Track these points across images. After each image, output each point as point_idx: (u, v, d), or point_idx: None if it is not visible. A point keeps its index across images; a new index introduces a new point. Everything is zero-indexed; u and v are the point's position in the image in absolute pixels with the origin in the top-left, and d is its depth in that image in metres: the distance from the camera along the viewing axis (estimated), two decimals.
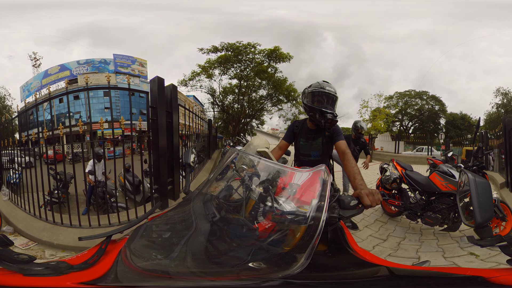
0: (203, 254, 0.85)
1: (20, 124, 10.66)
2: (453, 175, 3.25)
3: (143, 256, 0.87)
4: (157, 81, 2.92)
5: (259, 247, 0.81)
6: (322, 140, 2.24)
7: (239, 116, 20.84)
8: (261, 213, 0.89)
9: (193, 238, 0.88)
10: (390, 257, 2.80)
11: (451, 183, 3.20)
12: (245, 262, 0.76)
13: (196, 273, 0.78)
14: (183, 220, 1.02)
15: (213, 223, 0.90)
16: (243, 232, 0.88)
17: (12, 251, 0.83)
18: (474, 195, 0.84)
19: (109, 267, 0.81)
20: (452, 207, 3.18)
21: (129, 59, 20.08)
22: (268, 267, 0.75)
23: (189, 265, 0.80)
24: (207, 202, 1.01)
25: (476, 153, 3.81)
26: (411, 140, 22.77)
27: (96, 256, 0.86)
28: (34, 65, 20.55)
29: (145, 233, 0.99)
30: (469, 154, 4.55)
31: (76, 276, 0.76)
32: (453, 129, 27.21)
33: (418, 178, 3.58)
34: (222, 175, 1.12)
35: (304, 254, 0.72)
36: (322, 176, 0.86)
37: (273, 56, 19.15)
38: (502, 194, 4.96)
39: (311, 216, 0.78)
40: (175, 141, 3.41)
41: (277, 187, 0.97)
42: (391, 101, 28.44)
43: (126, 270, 0.79)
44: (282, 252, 0.79)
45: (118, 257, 0.86)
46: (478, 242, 0.85)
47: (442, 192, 3.27)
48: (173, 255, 0.85)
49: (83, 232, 3.08)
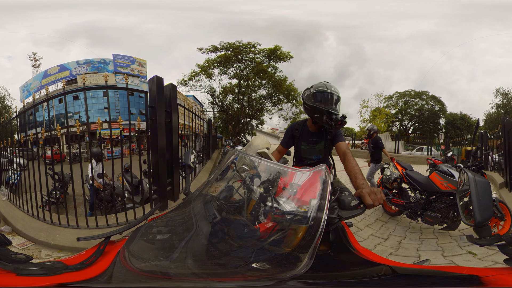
0: (205, 255, 0.84)
1: (19, 124, 10.67)
2: (452, 175, 3.28)
3: (142, 258, 0.87)
4: (156, 80, 2.89)
5: (261, 247, 0.81)
6: (325, 144, 2.16)
7: (239, 116, 20.83)
8: (262, 214, 0.89)
9: (193, 239, 0.87)
10: (392, 256, 2.83)
11: (451, 183, 3.23)
12: (248, 262, 0.76)
13: (198, 274, 0.77)
14: (184, 222, 1.02)
15: (214, 224, 0.89)
16: (244, 233, 0.88)
17: (9, 251, 0.82)
18: (474, 194, 0.84)
19: (105, 268, 0.80)
20: (451, 206, 3.21)
21: (129, 59, 20.08)
22: (272, 268, 0.75)
23: (190, 266, 0.80)
24: (208, 203, 1.00)
25: (475, 153, 3.92)
26: (411, 140, 22.78)
27: (94, 257, 0.85)
28: (34, 65, 20.56)
29: (144, 234, 0.98)
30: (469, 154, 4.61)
31: (70, 276, 0.75)
32: (453, 129, 27.25)
33: (418, 177, 3.60)
34: (223, 176, 1.11)
35: (307, 254, 0.72)
36: (323, 176, 0.86)
37: (273, 55, 19.15)
38: (501, 194, 4.98)
39: (311, 216, 0.78)
40: (174, 141, 3.38)
41: (278, 187, 0.96)
42: (391, 101, 28.49)
43: (123, 271, 0.78)
44: (284, 253, 0.79)
45: (116, 258, 0.85)
46: (477, 241, 0.85)
47: (442, 191, 3.30)
48: (173, 256, 0.84)
49: (80, 233, 3.06)
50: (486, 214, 0.81)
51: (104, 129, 12.17)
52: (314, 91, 1.99)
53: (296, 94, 20.39)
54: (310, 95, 2.01)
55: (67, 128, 3.11)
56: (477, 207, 0.81)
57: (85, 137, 16.25)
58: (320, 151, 2.21)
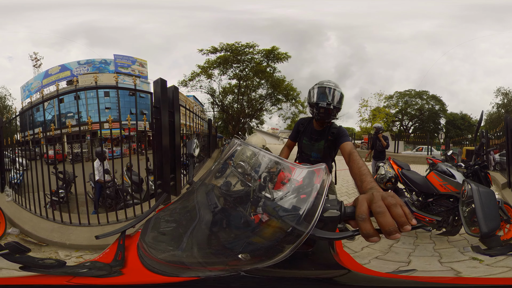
0: (206, 244, 0.86)
1: (22, 124, 10.73)
2: (452, 175, 3.02)
3: (159, 249, 0.89)
4: (160, 82, 3.11)
5: (248, 238, 0.81)
6: (324, 144, 2.19)
7: (238, 115, 20.87)
8: (256, 206, 0.90)
9: (197, 228, 0.90)
10: (377, 260, 2.61)
11: (451, 184, 2.98)
12: (237, 253, 0.76)
13: (202, 263, 0.80)
14: (188, 211, 1.04)
15: (215, 213, 0.91)
16: (240, 223, 0.89)
17: (32, 257, 0.77)
18: (479, 206, 0.78)
19: (140, 262, 0.81)
20: (451, 210, 2.96)
21: (129, 60, 20.10)
22: (251, 259, 0.74)
23: (196, 255, 0.83)
24: (210, 192, 1.02)
25: (478, 150, 3.45)
26: (411, 139, 22.76)
27: (120, 252, 0.87)
28: (35, 65, 20.56)
29: (155, 225, 1.00)
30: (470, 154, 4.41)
31: (129, 275, 0.77)
32: (453, 129, 27.19)
33: (414, 177, 3.34)
34: (224, 166, 1.12)
35: (283, 252, 0.70)
36: (321, 176, 0.81)
37: (271, 56, 19.19)
38: (504, 195, 4.79)
39: (300, 216, 0.73)
40: (177, 139, 3.54)
41: (275, 181, 0.96)
42: (391, 101, 28.45)
43: (153, 263, 0.80)
44: (265, 246, 0.77)
45: (138, 251, 0.86)
46: (486, 252, 0.79)
47: (441, 193, 3.04)
48: (182, 246, 0.87)
49: (93, 230, 3.06)
50: (493, 225, 0.76)
51: (105, 129, 12.21)
52: (311, 88, 2.12)
53: (295, 94, 20.43)
54: (309, 93, 2.14)
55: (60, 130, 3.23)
56: (482, 218, 0.76)
57: (86, 137, 16.28)
58: (319, 150, 2.25)
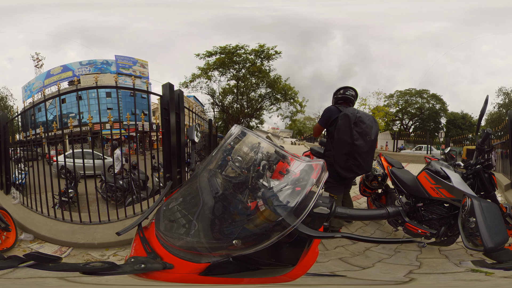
0: (210, 231, 0.90)
1: (26, 123, 10.82)
2: (447, 176, 2.40)
3: (175, 237, 0.93)
4: (168, 86, 3.55)
5: (243, 224, 0.84)
6: None
7: (238, 115, 20.98)
8: (254, 193, 0.91)
9: (201, 214, 0.94)
10: (338, 261, 2.42)
11: (444, 188, 2.39)
12: (233, 239, 0.80)
13: (208, 249, 0.85)
14: (193, 197, 1.08)
15: (217, 200, 0.94)
16: (238, 209, 0.91)
17: (77, 264, 0.79)
18: (482, 222, 0.74)
19: (168, 252, 0.85)
20: (445, 218, 2.44)
21: (131, 60, 20.20)
22: (242, 244, 0.78)
23: (203, 241, 0.88)
24: (212, 177, 1.04)
25: (482, 144, 2.56)
26: (411, 139, 22.77)
27: (146, 245, 0.91)
28: (37, 65, 20.64)
29: (165, 214, 1.06)
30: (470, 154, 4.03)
31: (187, 267, 0.82)
32: (454, 128, 27.19)
33: (404, 177, 2.81)
34: (225, 152, 1.13)
35: (266, 241, 0.74)
36: (319, 171, 0.83)
37: (261, 55, 19.23)
38: (508, 197, 4.43)
39: (291, 208, 0.76)
40: (182, 138, 3.84)
41: (273, 170, 0.98)
42: (392, 100, 28.42)
43: (176, 251, 0.85)
44: (256, 233, 0.80)
45: (159, 241, 0.91)
46: (496, 266, 0.76)
47: (432, 198, 2.49)
48: (191, 232, 0.93)
49: (114, 226, 3.04)
50: (499, 239, 0.71)
51: (106, 130, 12.30)
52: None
53: (292, 93, 20.49)
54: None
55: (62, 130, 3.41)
56: (486, 233, 0.71)
57: (87, 137, 16.37)
58: None
